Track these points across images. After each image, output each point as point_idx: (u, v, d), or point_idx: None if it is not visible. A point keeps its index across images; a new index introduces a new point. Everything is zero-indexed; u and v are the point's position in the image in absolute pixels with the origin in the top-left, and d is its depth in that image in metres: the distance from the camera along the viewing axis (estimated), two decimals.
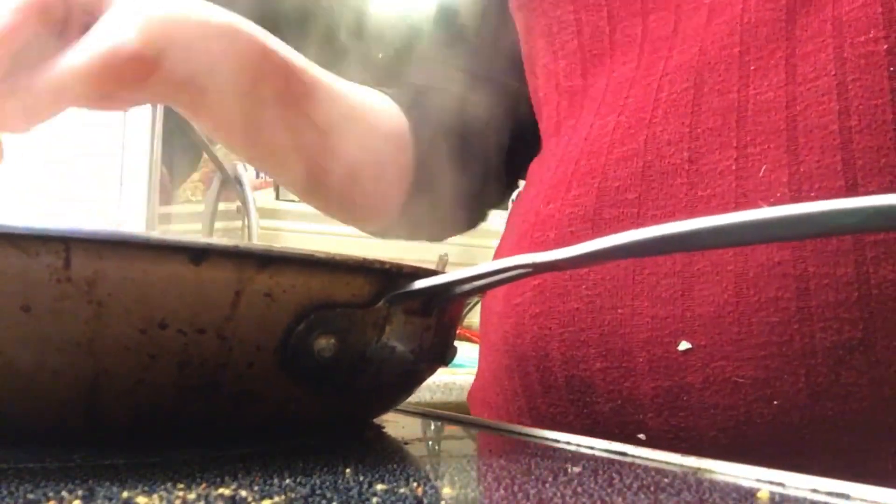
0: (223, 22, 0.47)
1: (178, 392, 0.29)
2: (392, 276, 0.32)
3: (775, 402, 0.39)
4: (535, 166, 0.55)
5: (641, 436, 0.43)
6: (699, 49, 0.43)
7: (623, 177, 0.45)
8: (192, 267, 0.27)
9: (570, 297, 0.46)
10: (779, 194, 0.39)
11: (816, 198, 0.39)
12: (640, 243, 0.26)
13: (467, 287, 0.34)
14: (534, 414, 0.49)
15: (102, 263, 0.26)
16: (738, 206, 0.40)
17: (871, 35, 0.38)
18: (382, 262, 0.31)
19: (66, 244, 0.26)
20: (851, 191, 0.38)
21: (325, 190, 0.59)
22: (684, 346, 0.41)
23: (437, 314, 0.35)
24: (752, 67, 0.42)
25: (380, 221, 0.64)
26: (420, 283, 0.32)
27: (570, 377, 0.45)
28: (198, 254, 0.27)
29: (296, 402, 0.32)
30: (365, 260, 0.31)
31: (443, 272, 0.33)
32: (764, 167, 0.40)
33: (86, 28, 0.42)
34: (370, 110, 0.58)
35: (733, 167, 0.41)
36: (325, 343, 0.30)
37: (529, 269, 0.31)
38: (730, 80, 0.42)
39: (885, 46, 0.38)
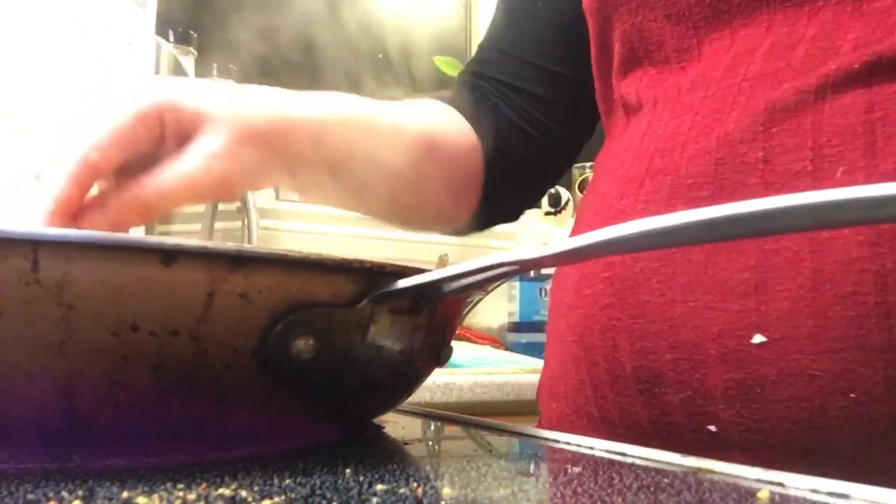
0: (289, 117, 0.49)
1: (155, 394, 0.28)
2: (374, 275, 0.31)
3: (852, 395, 0.39)
4: (603, 159, 0.56)
5: (712, 427, 0.43)
6: (784, 60, 0.44)
7: (696, 174, 0.45)
8: (162, 268, 0.27)
9: (641, 289, 0.46)
10: None
11: None
12: (621, 239, 0.26)
13: (455, 285, 0.33)
14: (600, 404, 0.49)
15: (71, 265, 0.26)
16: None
17: None
18: (363, 262, 0.31)
19: (34, 246, 0.25)
20: None
21: (406, 213, 0.63)
22: (759, 339, 0.41)
23: (427, 313, 0.34)
24: (831, 66, 0.42)
25: (457, 224, 0.67)
26: (404, 282, 0.32)
27: (639, 367, 0.46)
28: (168, 255, 0.27)
29: (280, 404, 0.32)
30: (344, 259, 0.30)
31: (431, 269, 0.32)
32: (841, 169, 0.40)
33: (181, 142, 0.46)
34: (438, 135, 0.60)
35: (809, 168, 0.41)
36: (303, 344, 0.30)
37: (516, 267, 0.30)
38: (808, 84, 0.42)
39: None
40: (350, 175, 0.53)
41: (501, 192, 0.66)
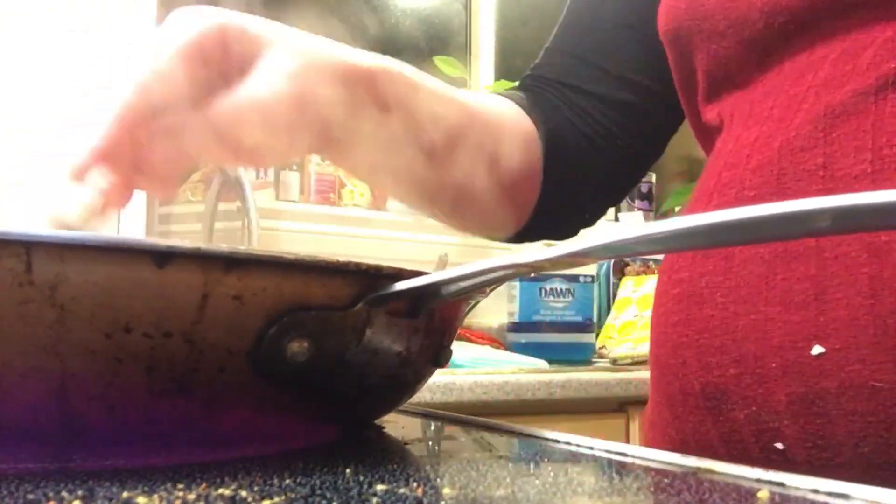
0: (357, 64, 0.46)
1: (149, 395, 0.28)
2: (371, 278, 0.31)
3: None
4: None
5: (779, 445, 0.42)
6: (851, 63, 0.43)
7: (758, 185, 0.45)
8: (155, 269, 0.27)
9: (706, 304, 0.46)
10: None
11: None
12: (619, 244, 0.26)
13: (453, 288, 0.33)
14: (677, 424, 0.49)
15: (64, 266, 0.26)
16: None
17: None
18: (359, 264, 0.30)
19: (26, 248, 0.25)
20: None
21: (471, 205, 0.58)
22: (817, 350, 0.40)
23: (425, 316, 0.34)
24: (892, 65, 0.41)
25: (513, 227, 0.63)
26: (400, 285, 0.31)
27: (706, 384, 0.45)
28: (161, 256, 0.27)
29: (275, 406, 0.31)
30: (340, 262, 0.30)
31: (427, 272, 0.32)
32: None
33: (242, 72, 0.41)
34: (498, 118, 0.57)
35: (868, 170, 0.40)
36: (297, 347, 0.29)
37: (512, 271, 0.30)
38: (868, 84, 0.42)
39: None
40: (422, 147, 0.49)
41: (558, 200, 0.62)
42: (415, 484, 0.26)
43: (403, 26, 2.20)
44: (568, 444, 0.38)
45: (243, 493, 0.24)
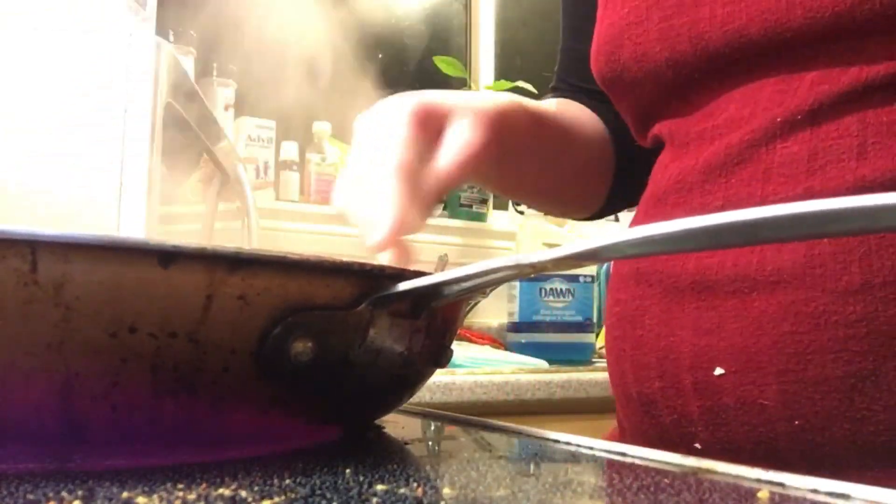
0: (513, 107, 0.56)
1: (153, 395, 0.28)
2: (375, 278, 0.31)
3: (796, 423, 0.44)
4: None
5: (697, 445, 0.48)
6: (749, 108, 0.49)
7: (677, 215, 0.51)
8: (160, 269, 0.27)
9: (638, 324, 0.52)
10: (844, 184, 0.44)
11: (831, 240, 0.44)
12: (619, 245, 0.27)
13: (455, 288, 0.33)
14: (623, 425, 0.57)
15: (69, 266, 0.26)
16: (760, 247, 0.46)
17: (886, 110, 0.44)
18: (363, 264, 0.31)
19: (32, 247, 0.25)
20: None
21: (555, 199, 0.71)
22: (718, 371, 0.46)
23: (427, 316, 0.34)
24: (777, 113, 0.47)
25: (591, 211, 0.73)
26: (404, 285, 0.32)
27: (640, 393, 0.52)
28: (166, 256, 0.27)
29: (278, 406, 0.31)
30: (344, 262, 0.30)
31: (430, 272, 0.32)
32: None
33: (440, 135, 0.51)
34: (580, 124, 0.67)
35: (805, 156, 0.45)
36: (302, 347, 0.29)
37: (514, 271, 0.31)
38: (759, 134, 0.47)
39: None
40: (539, 162, 0.60)
41: (627, 183, 0.69)
42: (415, 484, 0.26)
43: (403, 26, 2.20)
44: (568, 444, 0.38)
45: (243, 493, 0.24)
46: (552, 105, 0.67)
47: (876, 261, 0.42)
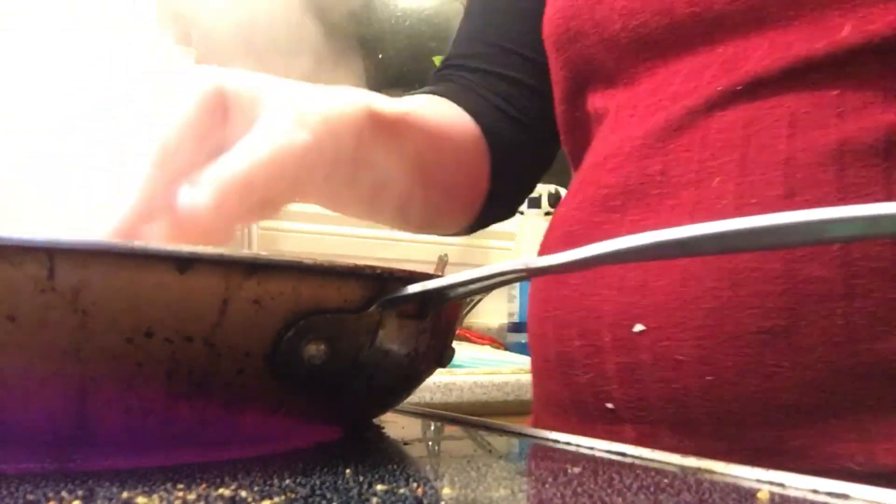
0: (353, 108, 0.48)
1: (168, 399, 0.28)
2: (384, 281, 0.32)
3: (708, 378, 0.45)
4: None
5: (610, 405, 0.50)
6: (694, 82, 0.50)
7: (612, 184, 0.51)
8: (177, 275, 0.27)
9: (563, 285, 0.53)
10: (724, 202, 0.46)
11: (758, 205, 0.45)
12: (629, 250, 0.27)
13: (462, 290, 0.33)
14: (541, 386, 0.57)
15: (87, 273, 0.26)
16: (693, 212, 0.47)
17: (825, 82, 0.45)
18: (374, 268, 0.31)
19: (49, 254, 0.26)
20: (789, 199, 0.44)
21: (412, 215, 0.62)
22: (639, 328, 0.48)
23: (432, 317, 0.35)
24: (720, 85, 0.48)
25: (461, 225, 0.69)
26: (414, 287, 0.32)
27: (559, 353, 0.53)
28: (183, 262, 0.27)
29: (290, 408, 0.32)
30: (356, 265, 0.30)
31: (440, 273, 0.33)
32: (717, 179, 0.46)
33: (244, 128, 0.43)
34: (447, 127, 0.61)
35: (694, 179, 0.47)
36: (315, 349, 0.30)
37: (523, 274, 0.31)
38: (700, 103, 0.49)
39: (836, 92, 0.45)
40: (377, 174, 0.52)
41: (501, 185, 0.67)
42: (415, 484, 0.26)
43: (403, 26, 2.20)
44: (568, 444, 0.38)
45: (243, 493, 0.24)
46: (418, 106, 0.60)
47: None
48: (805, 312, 0.43)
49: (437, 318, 0.36)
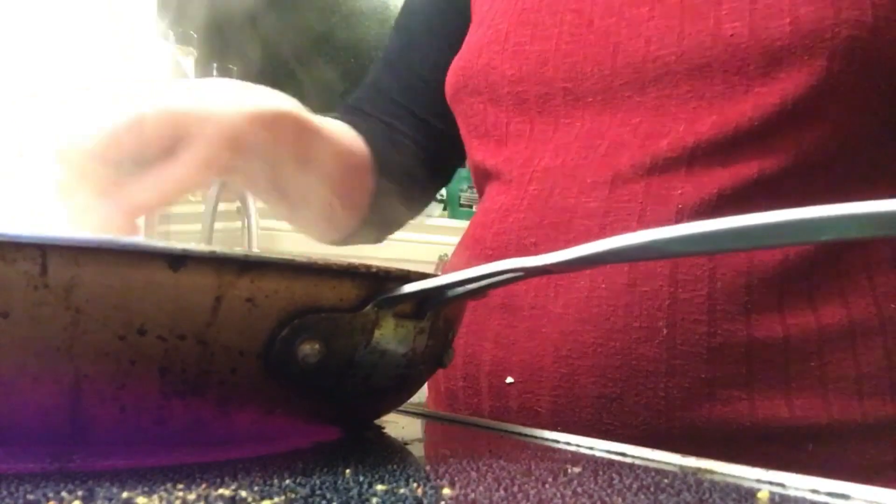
0: (269, 112, 0.54)
1: (161, 397, 0.28)
2: (380, 280, 0.31)
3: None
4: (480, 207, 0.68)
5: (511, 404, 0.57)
6: (561, 161, 0.57)
7: (498, 246, 0.59)
8: (170, 273, 0.27)
9: (461, 335, 0.58)
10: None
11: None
12: (626, 248, 0.27)
13: (460, 290, 0.33)
14: (431, 403, 0.65)
15: (79, 270, 0.26)
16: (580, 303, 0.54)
17: (672, 183, 0.53)
18: (369, 266, 0.31)
19: (42, 250, 0.25)
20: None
21: (305, 217, 0.69)
22: (509, 380, 0.55)
23: (431, 317, 0.35)
24: (588, 181, 0.55)
25: (345, 234, 0.74)
26: (409, 287, 0.32)
27: (447, 388, 0.61)
28: (176, 259, 0.27)
29: (285, 407, 0.32)
30: (350, 264, 0.30)
31: (436, 274, 0.33)
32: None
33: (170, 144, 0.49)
34: (342, 142, 0.67)
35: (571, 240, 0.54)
36: (309, 348, 0.30)
37: (521, 273, 0.31)
38: (570, 189, 0.56)
39: (679, 191, 0.53)
40: (288, 173, 0.58)
41: (386, 202, 0.72)
42: (415, 484, 0.26)
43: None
44: (568, 444, 0.38)
45: (243, 493, 0.24)
46: (325, 121, 0.67)
47: (636, 307, 0.51)
48: (634, 384, 0.51)
49: (436, 318, 0.36)
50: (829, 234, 0.24)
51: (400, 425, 0.44)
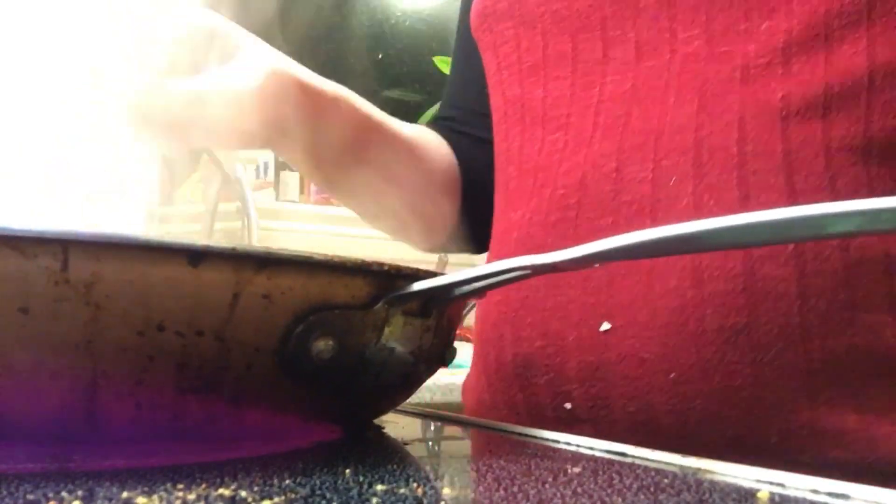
0: (330, 92, 0.55)
1: (177, 393, 0.28)
2: (391, 278, 0.32)
3: (672, 375, 0.46)
4: (498, 175, 0.62)
5: (568, 405, 0.50)
6: (631, 85, 0.51)
7: (567, 185, 0.52)
8: (189, 269, 0.27)
9: (522, 286, 0.52)
10: (684, 202, 0.47)
11: (715, 206, 0.46)
12: (636, 245, 0.27)
13: (467, 288, 0.34)
14: (491, 390, 0.56)
15: (100, 265, 0.26)
16: (652, 211, 0.48)
17: (770, 87, 0.46)
18: (381, 264, 0.31)
19: (63, 246, 0.26)
20: (744, 202, 0.45)
21: (390, 220, 0.68)
22: (605, 326, 0.48)
23: (436, 315, 0.35)
24: (671, 101, 0.49)
25: (436, 241, 0.72)
26: (419, 285, 0.32)
27: (516, 354, 0.52)
28: (196, 255, 0.27)
29: (295, 404, 0.32)
30: (364, 262, 0.31)
31: (442, 272, 0.33)
32: (674, 178, 0.47)
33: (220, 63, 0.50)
34: (422, 144, 0.66)
35: (650, 177, 0.48)
36: (323, 345, 0.30)
37: (528, 271, 0.31)
38: (653, 109, 0.49)
39: (780, 95, 0.46)
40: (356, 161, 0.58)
41: (477, 214, 0.68)
42: (415, 484, 0.26)
43: (403, 26, 2.20)
44: (568, 444, 0.38)
45: (243, 493, 0.24)
46: (409, 129, 0.65)
47: None
48: (762, 310, 0.44)
49: (441, 316, 0.36)
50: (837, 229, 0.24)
51: (400, 425, 0.44)
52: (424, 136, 0.67)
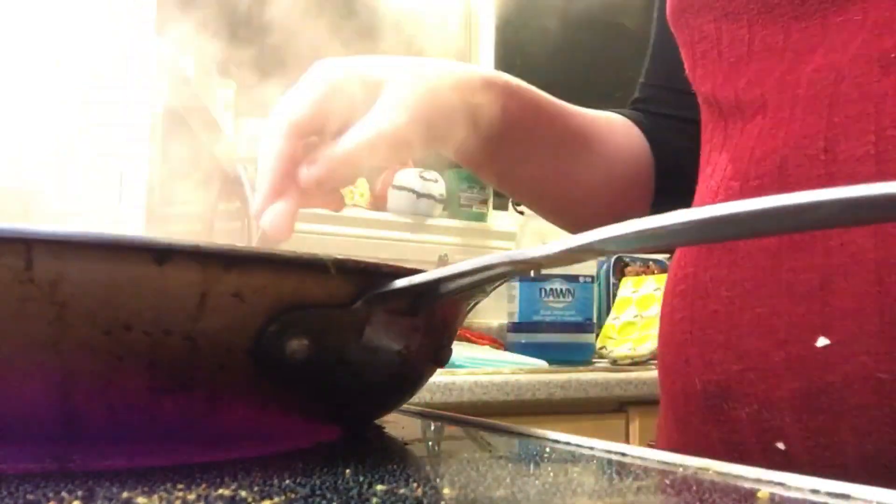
0: (467, 86, 0.52)
1: (150, 393, 0.28)
2: (370, 275, 0.31)
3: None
4: (703, 169, 0.56)
5: (780, 444, 0.41)
6: (842, 51, 0.43)
7: (763, 174, 0.44)
8: (155, 267, 0.27)
9: (710, 298, 0.44)
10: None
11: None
12: (615, 239, 0.26)
13: (452, 286, 0.33)
14: (680, 427, 0.48)
15: (65, 264, 0.26)
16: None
17: None
18: (357, 262, 0.30)
19: (27, 245, 0.25)
20: None
21: (572, 213, 0.65)
22: (822, 342, 0.39)
23: (426, 314, 0.34)
24: (892, 55, 0.40)
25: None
26: (400, 283, 0.31)
27: (707, 382, 0.44)
28: (161, 254, 0.27)
29: (276, 404, 0.31)
30: (338, 259, 0.30)
31: (433, 270, 0.32)
32: None
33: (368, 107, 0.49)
34: (611, 131, 0.62)
35: (872, 151, 0.39)
36: (297, 344, 0.29)
37: (509, 268, 0.30)
38: (870, 72, 0.41)
39: None
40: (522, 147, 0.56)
41: (671, 199, 0.62)
42: (415, 484, 0.26)
43: (404, 27, 2.20)
44: (568, 444, 0.38)
45: (243, 493, 0.24)
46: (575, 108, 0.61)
47: None
48: None
49: (432, 315, 0.35)
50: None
51: (400, 425, 0.44)
52: (608, 124, 0.63)
